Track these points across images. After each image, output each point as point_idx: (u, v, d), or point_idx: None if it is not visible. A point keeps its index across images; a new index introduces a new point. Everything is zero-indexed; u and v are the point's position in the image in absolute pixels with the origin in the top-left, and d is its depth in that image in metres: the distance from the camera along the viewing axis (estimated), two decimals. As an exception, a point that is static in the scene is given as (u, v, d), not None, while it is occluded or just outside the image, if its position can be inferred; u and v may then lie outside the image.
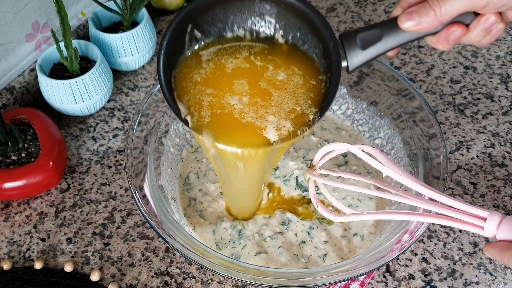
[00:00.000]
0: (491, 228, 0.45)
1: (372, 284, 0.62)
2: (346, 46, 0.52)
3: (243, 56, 0.57)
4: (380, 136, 0.72)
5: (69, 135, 0.77)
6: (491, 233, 0.45)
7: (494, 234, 0.45)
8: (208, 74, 0.57)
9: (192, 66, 0.57)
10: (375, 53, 0.52)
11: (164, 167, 0.67)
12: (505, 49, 0.88)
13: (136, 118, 0.66)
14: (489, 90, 0.82)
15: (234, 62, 0.57)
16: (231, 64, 0.57)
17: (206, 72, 0.57)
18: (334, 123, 0.76)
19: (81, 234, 0.67)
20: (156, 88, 0.69)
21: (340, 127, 0.76)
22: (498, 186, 0.71)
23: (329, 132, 0.75)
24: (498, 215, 0.45)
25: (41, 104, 0.79)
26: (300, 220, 0.65)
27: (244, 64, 0.58)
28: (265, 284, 0.54)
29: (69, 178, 0.72)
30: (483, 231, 0.46)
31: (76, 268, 0.64)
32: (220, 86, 0.56)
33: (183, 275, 0.63)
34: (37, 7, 0.76)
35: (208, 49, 0.57)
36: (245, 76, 0.57)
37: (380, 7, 0.96)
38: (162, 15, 0.95)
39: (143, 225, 0.67)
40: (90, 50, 0.78)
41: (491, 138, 0.76)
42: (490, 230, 0.45)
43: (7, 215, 0.69)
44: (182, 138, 0.73)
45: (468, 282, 0.62)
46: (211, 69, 0.57)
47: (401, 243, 0.56)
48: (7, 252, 0.65)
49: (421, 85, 0.83)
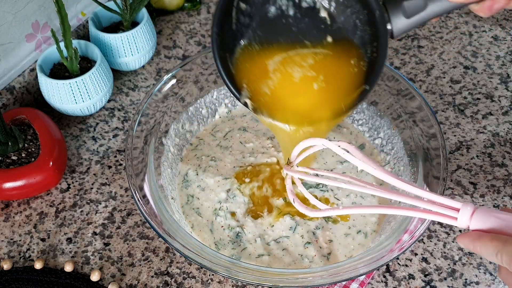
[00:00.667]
0: (464, 218, 0.46)
1: (372, 284, 0.62)
2: (390, 12, 0.53)
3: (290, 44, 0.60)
4: (380, 136, 0.72)
5: (69, 135, 0.77)
6: (464, 223, 0.46)
7: (467, 225, 0.46)
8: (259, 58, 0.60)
9: (244, 52, 0.60)
10: (419, 20, 0.53)
11: (164, 167, 0.67)
12: (505, 49, 0.88)
13: (136, 118, 0.66)
14: (489, 90, 0.82)
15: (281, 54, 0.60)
16: (278, 57, 0.60)
17: (258, 56, 0.60)
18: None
19: (81, 234, 0.67)
20: (156, 88, 0.69)
21: (341, 125, 0.76)
22: (498, 186, 0.71)
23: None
24: (470, 205, 0.46)
25: (41, 104, 0.79)
26: (307, 221, 0.65)
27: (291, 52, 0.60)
28: (265, 284, 0.54)
29: (69, 178, 0.72)
30: (457, 221, 0.46)
31: (76, 268, 0.64)
32: (272, 69, 0.60)
33: (183, 275, 0.63)
34: (37, 7, 0.76)
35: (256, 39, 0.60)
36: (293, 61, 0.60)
37: (380, 7, 0.96)
38: (162, 15, 0.95)
39: (143, 225, 0.67)
40: (90, 50, 0.78)
41: (491, 138, 0.76)
42: (463, 221, 0.46)
43: (7, 215, 0.69)
44: (182, 138, 0.73)
45: (468, 282, 0.62)
46: (262, 54, 0.60)
47: (401, 243, 0.56)
48: (7, 252, 0.65)
49: (421, 85, 0.83)
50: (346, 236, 0.64)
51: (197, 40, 0.91)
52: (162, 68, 0.86)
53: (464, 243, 0.46)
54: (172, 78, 0.71)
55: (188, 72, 0.72)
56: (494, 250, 0.43)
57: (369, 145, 0.73)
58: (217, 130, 0.76)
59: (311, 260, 0.62)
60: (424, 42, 0.90)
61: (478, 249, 0.45)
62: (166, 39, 0.91)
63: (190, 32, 0.92)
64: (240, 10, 0.58)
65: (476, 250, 0.45)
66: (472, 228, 0.46)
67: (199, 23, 0.94)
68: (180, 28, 0.93)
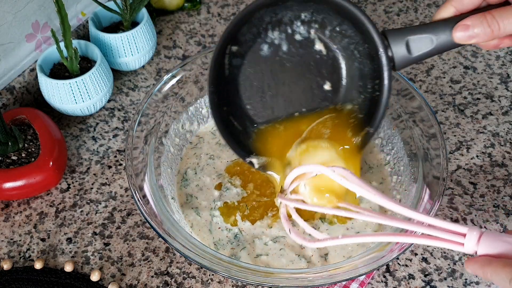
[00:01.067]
0: (470, 244, 0.45)
1: (372, 284, 0.62)
2: (393, 46, 0.50)
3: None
4: (380, 136, 0.72)
5: (69, 135, 0.77)
6: (472, 249, 0.45)
7: (474, 250, 0.45)
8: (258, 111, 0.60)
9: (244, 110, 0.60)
10: (423, 57, 0.51)
11: (164, 167, 0.67)
12: (505, 49, 0.88)
13: (136, 118, 0.66)
14: (489, 90, 0.82)
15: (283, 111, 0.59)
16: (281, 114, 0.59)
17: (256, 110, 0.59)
18: None
19: (81, 234, 0.67)
20: (156, 88, 0.69)
21: None
22: (498, 186, 0.71)
23: None
24: (477, 230, 0.45)
25: (41, 104, 0.79)
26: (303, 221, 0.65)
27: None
28: (265, 284, 0.54)
29: (69, 178, 0.72)
30: (463, 247, 0.45)
31: (76, 268, 0.64)
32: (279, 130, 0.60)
33: (183, 275, 0.63)
34: (37, 7, 0.76)
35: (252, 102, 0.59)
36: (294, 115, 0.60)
37: (380, 7, 0.96)
38: (162, 15, 0.95)
39: (143, 225, 0.67)
40: (90, 50, 0.78)
41: (491, 138, 0.76)
42: (470, 246, 0.45)
43: (7, 215, 0.69)
44: (182, 138, 0.73)
45: (468, 282, 0.62)
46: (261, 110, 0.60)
47: (401, 243, 0.56)
48: (7, 252, 0.65)
49: (421, 85, 0.83)
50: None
51: (197, 40, 0.91)
52: (162, 68, 0.86)
53: (473, 269, 0.45)
54: (172, 78, 0.71)
55: (188, 72, 0.72)
56: (507, 277, 0.41)
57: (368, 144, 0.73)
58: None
59: (308, 260, 0.62)
60: (424, 42, 0.90)
61: (489, 275, 0.43)
62: (166, 39, 0.91)
63: (190, 32, 0.92)
64: (233, 63, 0.57)
65: (487, 276, 0.43)
66: (480, 253, 0.44)
67: (199, 23, 0.94)
68: (180, 28, 0.93)
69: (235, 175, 0.69)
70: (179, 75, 0.71)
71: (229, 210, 0.66)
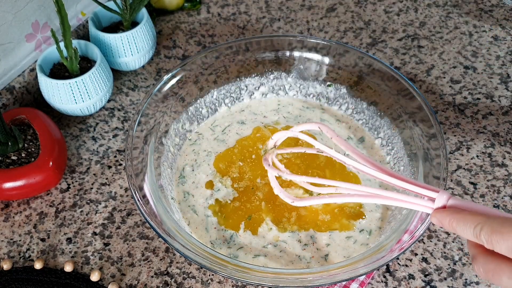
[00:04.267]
0: (440, 204, 0.47)
1: (372, 284, 0.62)
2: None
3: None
4: (380, 136, 0.72)
5: (69, 135, 0.77)
6: (442, 203, 0.47)
7: (444, 204, 0.47)
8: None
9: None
10: None
11: (164, 167, 0.67)
12: (505, 49, 0.88)
13: (136, 118, 0.66)
14: (489, 90, 0.82)
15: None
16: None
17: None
18: (335, 115, 0.76)
19: (81, 234, 0.67)
20: (156, 88, 0.69)
21: (341, 119, 0.76)
22: (498, 186, 0.71)
23: (329, 123, 0.75)
24: (447, 194, 0.47)
25: (41, 104, 0.79)
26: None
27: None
28: (265, 284, 0.54)
29: (69, 178, 0.72)
30: (434, 203, 0.48)
31: (76, 268, 0.64)
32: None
33: (183, 275, 0.63)
34: (37, 7, 0.76)
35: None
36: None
37: (380, 7, 0.96)
38: (162, 15, 0.95)
39: (143, 225, 0.67)
40: (90, 50, 0.78)
41: (491, 138, 0.76)
42: (441, 201, 0.47)
43: (7, 215, 0.69)
44: (182, 138, 0.73)
45: (468, 282, 0.62)
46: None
47: (401, 243, 0.56)
48: (7, 252, 0.65)
49: (421, 85, 0.83)
50: (348, 239, 0.64)
51: (197, 40, 0.91)
52: (162, 68, 0.86)
53: (439, 218, 0.45)
54: (172, 78, 0.71)
55: (188, 72, 0.72)
56: (473, 223, 0.41)
57: (368, 138, 0.73)
58: (216, 124, 0.76)
59: (308, 261, 0.62)
60: (424, 42, 0.90)
61: (455, 224, 0.43)
62: (166, 39, 0.91)
63: (190, 32, 0.92)
64: None
65: (452, 225, 0.43)
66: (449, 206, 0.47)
67: (199, 23, 0.94)
68: (180, 28, 0.93)
69: (226, 174, 0.69)
70: (179, 75, 0.71)
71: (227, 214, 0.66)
